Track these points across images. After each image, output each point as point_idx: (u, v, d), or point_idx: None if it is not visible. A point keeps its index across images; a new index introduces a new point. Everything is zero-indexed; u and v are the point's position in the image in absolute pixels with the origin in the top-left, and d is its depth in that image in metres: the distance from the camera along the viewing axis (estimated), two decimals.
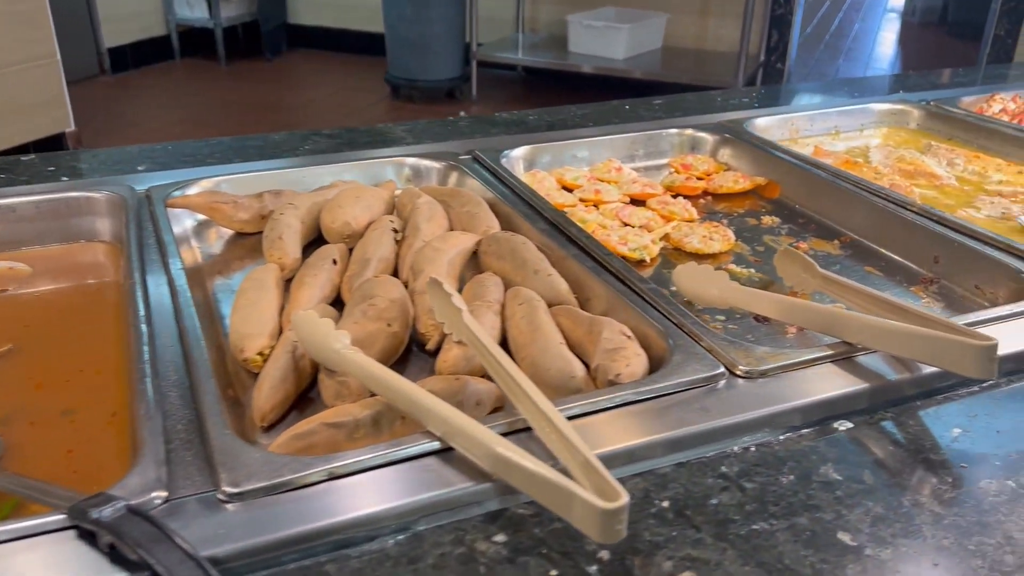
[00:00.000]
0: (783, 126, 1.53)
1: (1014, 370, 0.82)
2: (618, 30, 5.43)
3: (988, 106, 1.65)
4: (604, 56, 5.47)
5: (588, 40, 5.54)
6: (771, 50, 5.86)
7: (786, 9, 5.78)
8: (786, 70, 5.92)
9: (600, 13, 5.63)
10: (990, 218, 1.22)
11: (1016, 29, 5.45)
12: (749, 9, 5.09)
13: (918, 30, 8.97)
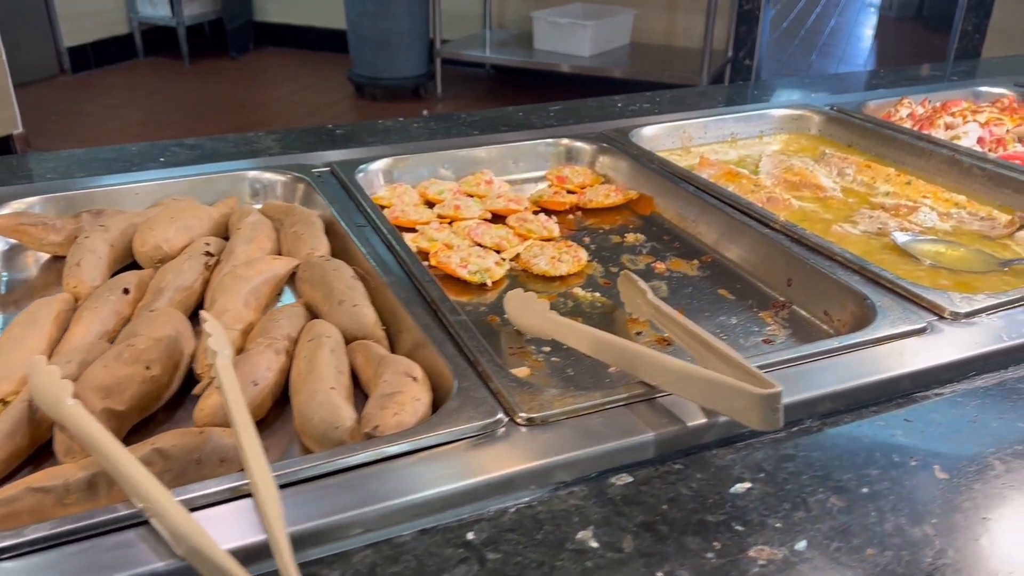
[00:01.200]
0: (673, 134, 1.47)
1: (831, 411, 0.76)
2: (583, 27, 5.36)
3: (896, 110, 1.59)
4: (570, 53, 5.40)
5: (553, 37, 5.47)
6: (739, 46, 5.79)
7: (754, 5, 5.72)
8: (754, 66, 5.86)
9: (566, 10, 5.56)
10: (865, 234, 1.16)
11: (983, 24, 5.39)
12: (712, 5, 5.02)
13: (895, 24, 8.92)
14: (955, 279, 1.04)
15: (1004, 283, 1.03)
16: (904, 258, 1.09)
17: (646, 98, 1.70)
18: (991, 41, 5.34)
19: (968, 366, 0.82)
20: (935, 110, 1.56)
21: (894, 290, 0.92)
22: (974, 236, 1.17)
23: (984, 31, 5.40)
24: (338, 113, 5.58)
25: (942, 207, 1.22)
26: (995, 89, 1.70)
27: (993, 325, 0.86)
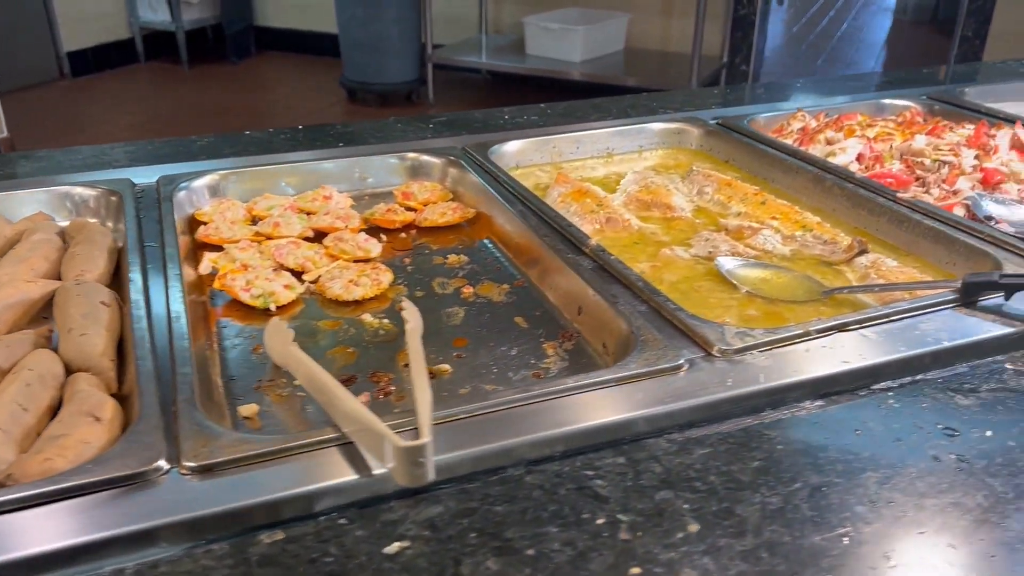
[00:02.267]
0: (543, 149, 1.41)
1: (543, 457, 0.70)
2: (574, 32, 5.30)
3: (788, 124, 1.52)
4: (561, 59, 5.34)
5: (545, 42, 5.42)
6: (735, 52, 5.70)
7: (749, 10, 5.62)
8: (750, 72, 5.76)
9: (560, 14, 5.50)
10: (695, 258, 1.09)
11: (983, 30, 5.26)
12: (701, 10, 4.93)
13: (910, 28, 8.74)
14: (767, 309, 0.98)
15: (817, 313, 0.96)
16: (724, 285, 1.03)
17: (539, 110, 1.64)
18: (991, 46, 5.20)
19: (714, 410, 0.76)
20: (827, 124, 1.49)
21: (672, 322, 0.86)
22: (814, 261, 1.10)
23: (984, 36, 5.26)
24: (329, 118, 5.58)
25: (789, 229, 1.15)
26: (899, 101, 1.62)
27: (758, 365, 0.80)
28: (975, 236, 1.06)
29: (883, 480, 0.68)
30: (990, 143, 1.39)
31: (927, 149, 1.35)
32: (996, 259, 1.00)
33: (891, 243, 1.14)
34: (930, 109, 1.60)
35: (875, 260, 1.06)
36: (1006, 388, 0.80)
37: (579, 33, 5.28)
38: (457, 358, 0.89)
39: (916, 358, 0.83)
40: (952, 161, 1.33)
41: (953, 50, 5.45)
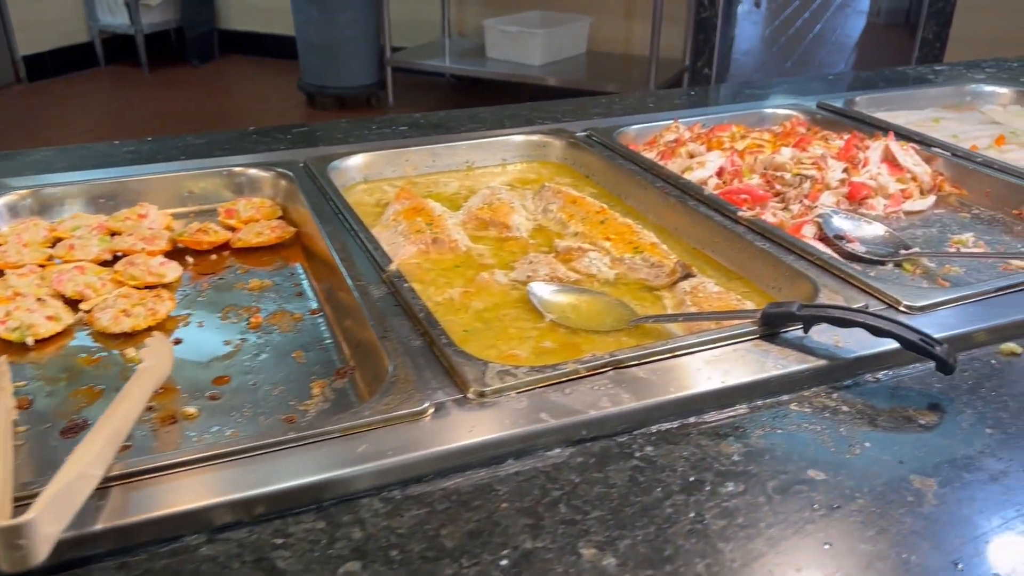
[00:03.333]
0: (394, 162, 1.34)
1: (231, 523, 0.63)
2: (533, 35, 5.24)
3: (662, 136, 1.45)
4: (520, 62, 5.28)
5: (505, 46, 5.35)
6: (697, 55, 5.64)
7: (711, 12, 5.57)
8: (713, 75, 5.70)
9: (521, 17, 5.43)
10: (513, 283, 1.02)
11: (944, 32, 5.21)
12: (659, 11, 4.87)
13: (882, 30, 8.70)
14: (567, 340, 0.91)
15: (618, 344, 0.89)
16: (532, 313, 0.96)
17: (412, 120, 1.57)
18: (952, 49, 5.15)
19: (446, 462, 0.69)
20: (698, 136, 1.42)
21: (439, 359, 0.79)
22: (638, 285, 1.03)
23: (945, 39, 5.22)
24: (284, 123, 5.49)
25: (619, 251, 1.08)
26: (782, 111, 1.55)
27: (511, 408, 0.73)
28: (803, 258, 0.99)
29: (602, 546, 0.61)
30: (859, 155, 1.32)
31: (789, 163, 1.28)
32: (815, 284, 0.93)
33: (724, 265, 1.07)
34: (813, 118, 1.53)
35: (696, 285, 0.99)
36: (781, 433, 0.73)
37: (539, 36, 5.21)
38: (211, 399, 0.82)
39: (690, 399, 0.76)
40: (813, 175, 1.26)
41: (915, 52, 5.41)
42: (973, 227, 1.20)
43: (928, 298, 0.90)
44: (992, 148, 1.44)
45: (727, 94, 1.75)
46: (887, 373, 0.82)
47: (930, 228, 1.21)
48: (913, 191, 1.29)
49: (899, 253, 1.10)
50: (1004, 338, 0.88)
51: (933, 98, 1.69)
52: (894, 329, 0.78)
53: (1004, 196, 1.23)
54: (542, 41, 5.22)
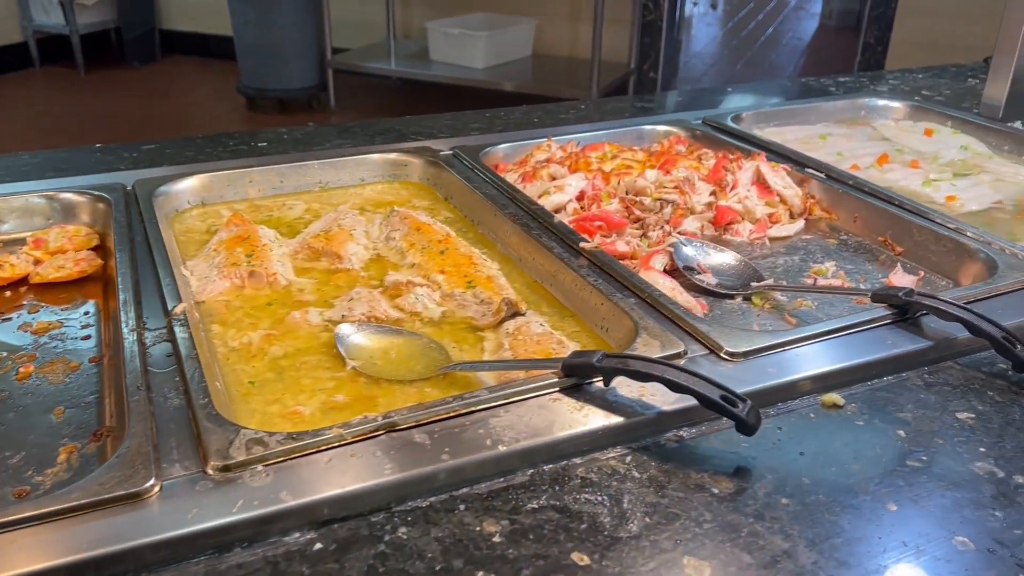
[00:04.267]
0: (236, 183, 1.25)
1: None
2: (475, 38, 5.15)
3: (532, 155, 1.38)
4: (463, 65, 5.19)
5: (448, 48, 5.26)
6: (643, 58, 5.60)
7: (656, 15, 5.52)
8: (659, 78, 5.66)
9: (466, 19, 5.35)
10: (327, 323, 0.94)
11: (885, 37, 5.22)
12: (599, 14, 4.81)
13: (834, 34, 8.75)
14: (366, 391, 0.83)
15: (421, 396, 0.81)
16: (337, 358, 0.87)
17: (275, 135, 1.48)
18: (894, 54, 5.16)
19: (158, 553, 0.60)
20: (569, 156, 1.35)
21: (191, 423, 0.71)
22: (463, 325, 0.95)
23: (886, 44, 5.22)
24: (222, 127, 5.37)
25: (452, 285, 1.00)
26: (661, 128, 1.48)
27: (253, 485, 0.64)
28: (635, 295, 0.92)
29: None
30: (727, 178, 1.26)
31: (651, 187, 1.21)
32: (636, 326, 0.86)
33: (561, 301, 1.00)
34: (693, 136, 1.46)
35: (521, 326, 0.92)
36: (557, 505, 0.66)
37: (481, 39, 5.13)
38: None
39: (464, 467, 0.68)
40: (675, 200, 1.20)
41: (857, 57, 5.42)
42: (838, 255, 1.14)
43: (752, 343, 0.83)
44: (874, 167, 1.38)
45: (618, 108, 1.68)
46: (692, 431, 0.75)
47: (793, 256, 1.15)
48: (782, 215, 1.23)
49: (750, 285, 1.03)
50: (830, 387, 0.81)
51: (828, 113, 1.64)
52: (692, 384, 0.71)
53: (871, 221, 1.18)
54: (485, 44, 5.14)
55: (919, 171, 1.37)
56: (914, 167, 1.38)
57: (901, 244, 1.13)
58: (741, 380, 0.78)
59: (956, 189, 1.30)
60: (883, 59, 5.18)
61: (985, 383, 0.82)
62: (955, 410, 0.78)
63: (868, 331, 0.88)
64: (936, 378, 0.83)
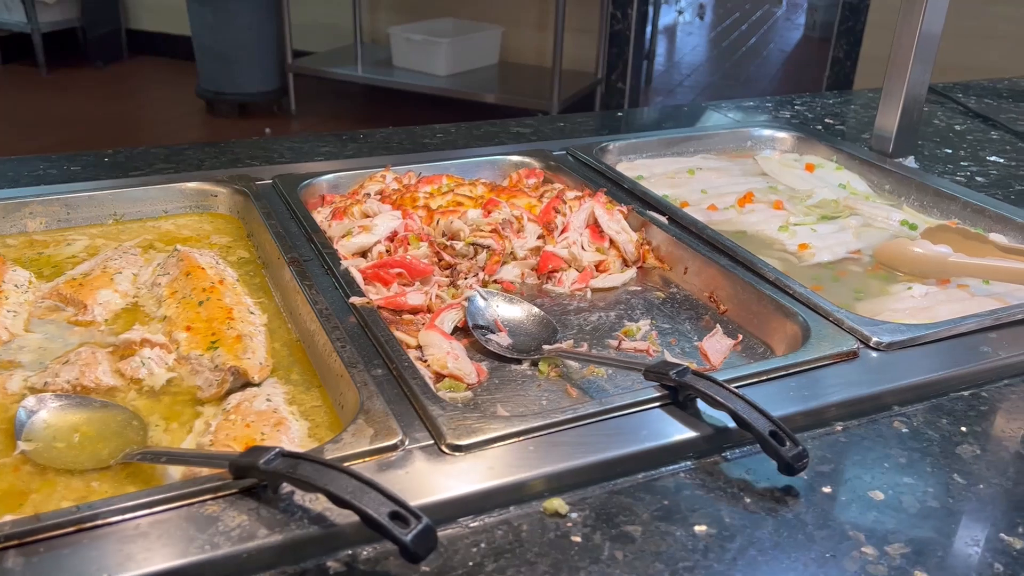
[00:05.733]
0: (12, 215, 1.13)
1: None
2: (437, 44, 5.04)
3: (363, 186, 1.26)
4: (426, 72, 5.08)
5: (411, 54, 5.16)
6: (611, 68, 5.49)
7: (624, 24, 5.42)
8: (627, 89, 5.55)
9: (431, 25, 5.23)
10: (29, 390, 0.82)
11: (854, 51, 5.12)
12: (560, 22, 4.69)
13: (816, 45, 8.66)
14: (23, 484, 0.71)
15: (87, 491, 0.69)
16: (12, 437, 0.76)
17: (88, 158, 1.36)
18: (863, 69, 5.06)
19: None
20: (407, 188, 1.23)
21: None
22: (188, 395, 0.83)
23: (856, 58, 5.12)
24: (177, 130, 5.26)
25: (191, 346, 0.88)
26: (515, 157, 1.36)
27: None
28: (386, 365, 0.81)
29: None
30: (556, 220, 1.14)
31: (466, 229, 1.10)
32: (362, 407, 0.74)
33: (315, 366, 0.88)
34: (547, 167, 1.35)
35: (244, 400, 0.80)
36: None
37: (443, 46, 5.02)
38: None
39: None
40: (490, 245, 1.08)
41: (826, 71, 5.33)
42: (660, 311, 1.03)
43: (481, 433, 0.71)
44: (733, 208, 1.27)
45: (491, 133, 1.56)
46: (371, 549, 0.63)
47: (610, 311, 1.03)
48: (611, 263, 1.11)
49: (542, 348, 0.92)
50: (565, 487, 0.69)
51: (712, 143, 1.52)
52: (354, 499, 0.59)
53: (701, 274, 1.06)
54: (447, 50, 5.03)
55: (782, 213, 1.25)
56: (777, 208, 1.26)
57: (727, 301, 1.01)
58: (454, 480, 0.67)
59: (815, 236, 1.18)
60: (852, 74, 5.09)
61: (746, 486, 0.71)
62: (696, 522, 0.66)
63: (639, 414, 0.76)
64: (694, 477, 0.72)
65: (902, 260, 1.08)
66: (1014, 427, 0.79)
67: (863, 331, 0.88)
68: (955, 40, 2.47)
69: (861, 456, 0.75)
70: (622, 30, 5.40)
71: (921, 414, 0.80)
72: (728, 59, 7.91)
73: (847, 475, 0.72)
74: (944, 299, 1.01)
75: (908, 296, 1.02)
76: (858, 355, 0.86)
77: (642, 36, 5.57)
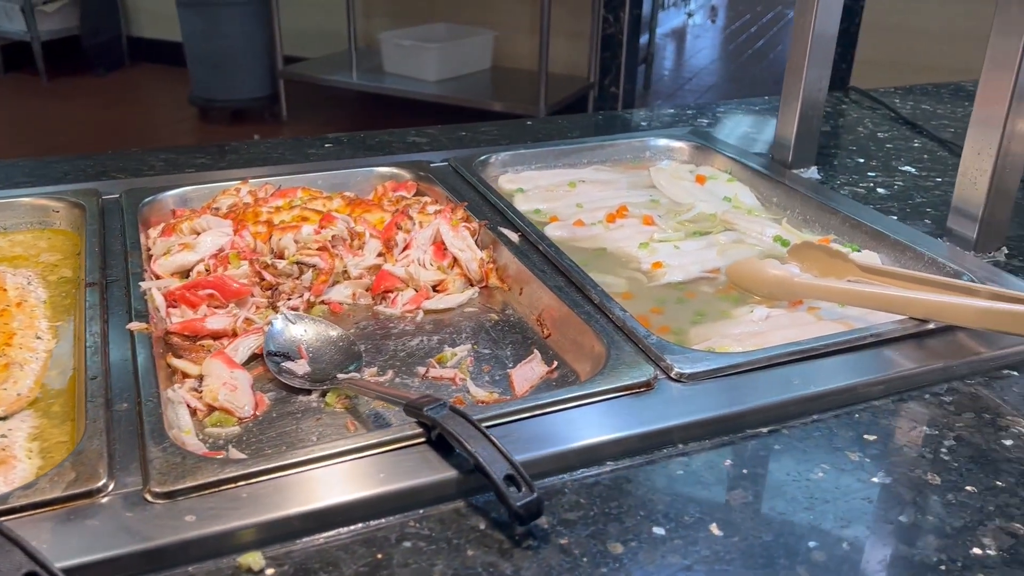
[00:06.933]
0: None
1: None
2: (427, 49, 5.01)
3: (215, 200, 1.21)
4: (417, 78, 5.05)
5: (400, 60, 5.13)
6: (604, 72, 5.43)
7: (616, 28, 5.35)
8: (620, 94, 5.49)
9: (425, 30, 5.20)
10: None
11: (849, 54, 5.01)
12: (545, 25, 4.63)
13: None
14: None
15: None
16: None
17: (7, 169, 1.33)
18: (858, 72, 4.96)
19: None
20: (258, 202, 1.18)
21: None
22: None
23: (851, 61, 5.02)
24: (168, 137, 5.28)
25: None
26: (385, 169, 1.30)
27: None
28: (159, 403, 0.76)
29: None
30: (398, 237, 1.08)
31: (292, 246, 1.04)
32: (80, 448, 0.69)
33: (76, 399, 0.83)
34: (418, 178, 1.29)
35: None
36: None
37: (433, 51, 4.99)
38: None
39: None
40: (316, 263, 1.02)
41: None
42: (487, 335, 0.97)
43: (191, 478, 0.66)
44: (601, 223, 1.20)
45: (385, 142, 1.51)
46: None
47: (435, 335, 0.97)
48: (453, 283, 1.05)
49: (336, 378, 0.86)
50: (270, 541, 0.64)
51: (607, 154, 1.45)
52: None
53: (533, 295, 1.00)
54: (437, 56, 4.99)
55: (651, 229, 1.18)
56: (647, 224, 1.20)
57: (552, 325, 0.95)
58: (153, 530, 0.61)
59: (676, 253, 1.11)
60: (848, 77, 4.98)
61: (476, 537, 0.64)
62: None
63: (391, 454, 0.71)
64: (423, 526, 0.65)
65: (751, 280, 1.01)
66: (801, 469, 0.72)
67: (667, 360, 0.81)
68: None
69: (619, 501, 0.68)
70: (614, 34, 5.34)
71: (705, 454, 0.73)
72: (734, 62, 7.81)
73: (594, 524, 0.66)
74: (786, 323, 0.94)
75: (748, 319, 0.95)
76: (653, 386, 0.79)
77: (636, 39, 5.49)
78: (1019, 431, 0.76)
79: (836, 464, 0.72)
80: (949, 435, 0.76)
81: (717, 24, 9.29)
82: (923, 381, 0.83)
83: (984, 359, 0.86)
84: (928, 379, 0.83)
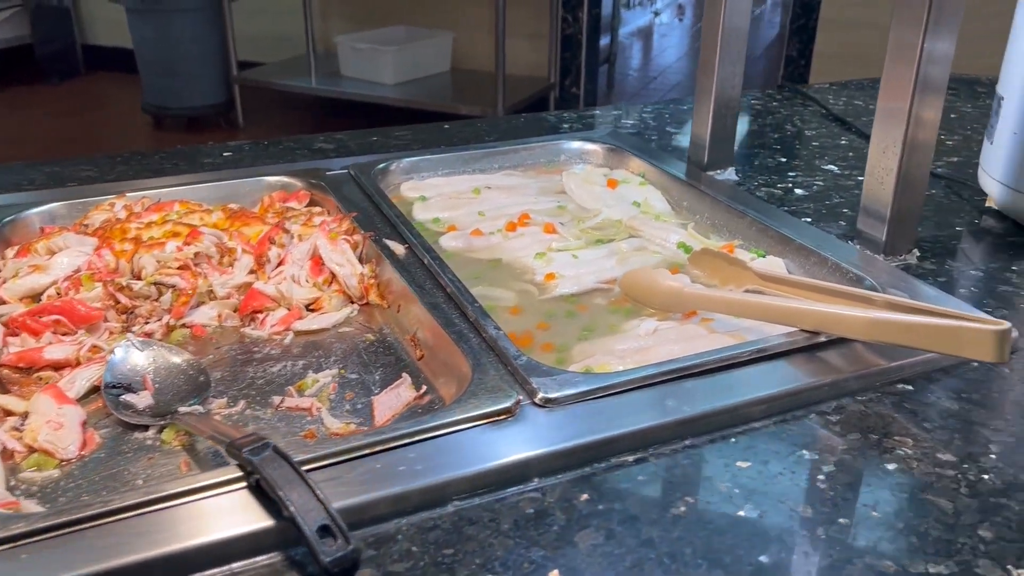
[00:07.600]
0: None
1: None
2: (384, 52, 4.93)
3: (88, 216, 1.13)
4: (374, 81, 4.97)
5: (358, 63, 5.05)
6: (565, 73, 5.38)
7: (575, 28, 5.30)
8: (581, 95, 5.43)
9: (381, 33, 5.13)
10: None
11: (808, 50, 4.98)
12: (500, 25, 4.57)
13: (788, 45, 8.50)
14: None
15: None
16: None
17: None
18: (817, 67, 4.94)
19: None
20: (131, 216, 1.11)
21: None
22: None
23: (809, 56, 4.99)
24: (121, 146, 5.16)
25: None
26: (274, 178, 1.23)
27: None
28: None
29: None
30: (270, 252, 1.01)
31: (151, 265, 0.97)
32: None
33: None
34: (309, 187, 1.22)
35: None
36: None
37: (390, 54, 4.91)
38: None
39: None
40: (176, 283, 0.95)
41: (780, 71, 5.21)
42: (358, 358, 0.90)
43: None
44: (500, 233, 1.13)
45: (289, 149, 1.43)
46: None
47: (301, 359, 0.90)
48: (329, 300, 0.98)
49: (178, 412, 0.79)
50: None
51: (519, 158, 1.39)
52: None
53: (409, 313, 0.93)
54: (394, 58, 4.92)
55: (552, 237, 1.12)
56: (548, 232, 1.13)
57: (426, 345, 0.88)
58: None
59: (574, 263, 1.05)
60: (807, 73, 4.96)
61: None
62: None
63: (207, 501, 0.63)
64: None
65: (641, 291, 0.95)
66: (663, 504, 0.65)
67: (532, 383, 0.75)
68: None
69: (456, 548, 0.61)
70: (574, 34, 5.29)
71: (561, 488, 0.67)
72: (697, 60, 7.75)
73: (420, 572, 0.59)
74: (673, 338, 0.87)
75: (635, 334, 0.88)
76: (514, 413, 0.72)
77: (596, 39, 5.44)
78: (904, 452, 0.70)
79: (703, 496, 0.66)
80: (830, 460, 0.70)
81: (684, 22, 9.26)
82: (809, 399, 0.77)
83: (878, 372, 0.80)
84: (815, 396, 0.77)
